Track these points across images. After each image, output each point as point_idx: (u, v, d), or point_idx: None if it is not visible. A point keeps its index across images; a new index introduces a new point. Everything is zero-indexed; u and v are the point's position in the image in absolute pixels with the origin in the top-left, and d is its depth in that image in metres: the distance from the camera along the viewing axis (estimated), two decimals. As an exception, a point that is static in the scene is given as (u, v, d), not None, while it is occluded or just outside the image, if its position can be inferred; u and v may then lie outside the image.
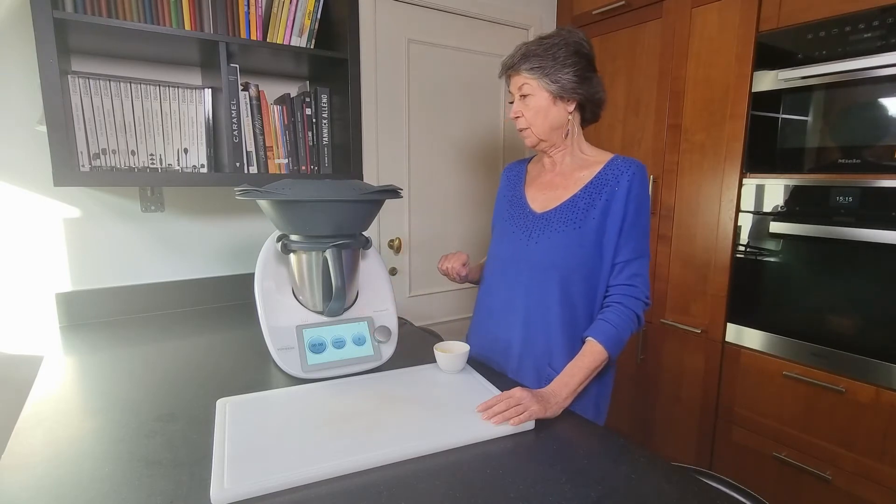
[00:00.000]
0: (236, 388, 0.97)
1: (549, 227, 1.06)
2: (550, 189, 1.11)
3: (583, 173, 1.07)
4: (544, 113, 1.05)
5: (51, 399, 0.92)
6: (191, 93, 1.36)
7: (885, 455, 1.30)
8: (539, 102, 1.04)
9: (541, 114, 1.05)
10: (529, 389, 0.90)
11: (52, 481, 0.67)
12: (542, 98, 1.04)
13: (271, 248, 1.10)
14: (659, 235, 1.80)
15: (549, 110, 1.05)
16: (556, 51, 1.02)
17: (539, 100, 1.04)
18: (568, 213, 1.05)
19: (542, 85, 1.03)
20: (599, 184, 1.04)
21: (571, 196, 1.06)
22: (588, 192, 1.04)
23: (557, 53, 1.02)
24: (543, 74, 1.02)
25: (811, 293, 1.42)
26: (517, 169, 1.23)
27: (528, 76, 1.04)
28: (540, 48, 1.03)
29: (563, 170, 1.11)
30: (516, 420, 0.82)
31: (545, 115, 1.05)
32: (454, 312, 2.13)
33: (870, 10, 1.27)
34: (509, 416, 0.83)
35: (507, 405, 0.84)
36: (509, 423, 0.82)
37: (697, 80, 1.65)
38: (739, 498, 0.77)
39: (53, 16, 1.07)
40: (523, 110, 1.07)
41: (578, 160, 1.09)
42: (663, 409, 1.84)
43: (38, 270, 1.36)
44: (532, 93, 1.05)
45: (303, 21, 1.41)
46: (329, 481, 0.68)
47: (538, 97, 1.04)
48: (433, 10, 1.90)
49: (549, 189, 1.11)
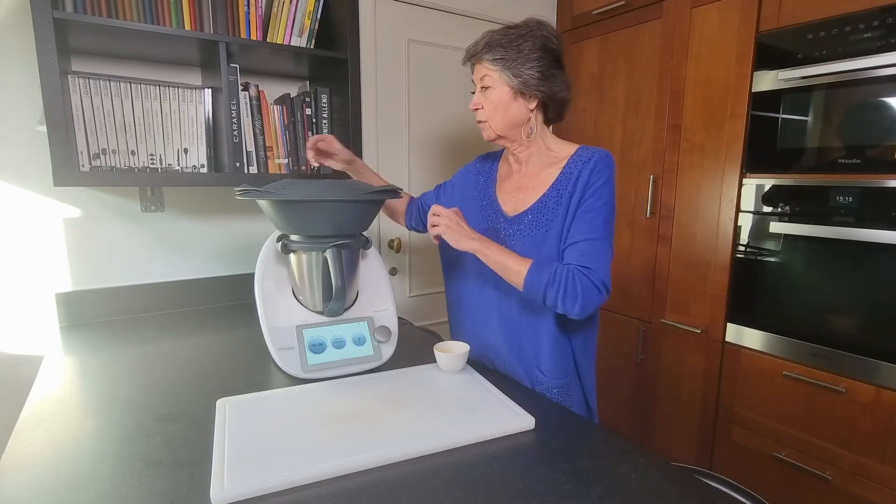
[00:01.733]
0: (236, 388, 0.97)
1: (520, 231, 1.03)
2: (520, 191, 1.07)
3: (550, 171, 1.03)
4: (504, 108, 1.00)
5: (51, 399, 0.92)
6: (191, 93, 1.36)
7: (885, 455, 1.30)
8: (499, 96, 1.00)
9: (500, 108, 1.00)
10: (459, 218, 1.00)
11: (52, 481, 0.67)
12: (503, 92, 0.99)
13: (271, 248, 1.10)
14: (659, 235, 1.80)
15: (509, 105, 1.00)
16: (521, 43, 0.97)
17: (499, 93, 1.00)
18: (538, 215, 1.01)
19: (503, 78, 0.98)
20: (565, 179, 1.00)
21: (540, 196, 1.02)
22: (556, 190, 1.00)
23: (522, 46, 0.97)
24: (505, 67, 0.97)
25: (811, 293, 1.42)
26: (488, 168, 1.19)
27: (490, 67, 0.99)
28: (504, 39, 0.98)
29: (529, 170, 1.07)
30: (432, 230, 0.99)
31: (505, 110, 1.00)
32: (454, 312, 2.13)
33: (870, 10, 1.27)
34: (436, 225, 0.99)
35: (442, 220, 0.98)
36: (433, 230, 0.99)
37: (697, 80, 1.65)
38: (739, 498, 0.77)
39: (53, 16, 1.06)
40: (483, 102, 1.02)
41: (545, 158, 1.05)
42: (663, 409, 1.84)
43: (38, 270, 1.36)
44: (493, 85, 1.00)
45: (303, 21, 1.41)
46: (329, 481, 0.68)
47: (499, 90, 1.00)
48: (433, 10, 1.90)
49: (518, 191, 1.08)
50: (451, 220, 0.99)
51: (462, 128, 2.05)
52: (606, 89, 1.97)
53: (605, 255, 0.96)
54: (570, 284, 0.91)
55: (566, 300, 0.91)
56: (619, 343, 1.97)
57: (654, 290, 1.83)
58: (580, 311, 0.92)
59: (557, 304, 0.92)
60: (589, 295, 0.91)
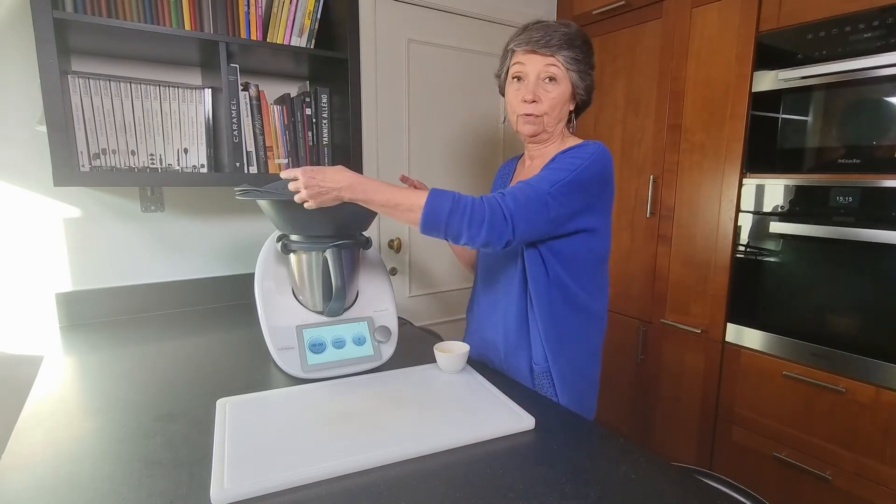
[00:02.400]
0: (236, 388, 0.97)
1: None
2: None
3: None
4: (562, 105, 1.00)
5: (51, 399, 0.92)
6: (191, 93, 1.36)
7: (885, 455, 1.30)
8: (562, 93, 0.99)
9: (559, 105, 1.00)
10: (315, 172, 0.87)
11: (52, 481, 0.67)
12: (566, 90, 0.99)
13: (271, 248, 1.10)
14: (659, 235, 1.80)
15: (565, 105, 1.01)
16: (588, 50, 0.99)
17: (563, 90, 0.99)
18: None
19: (570, 77, 0.98)
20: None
21: None
22: None
23: (589, 53, 0.99)
24: (578, 69, 0.98)
25: (811, 293, 1.42)
26: (507, 168, 1.21)
27: (565, 64, 0.97)
28: (579, 40, 0.98)
29: (538, 164, 1.06)
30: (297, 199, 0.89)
31: (562, 107, 1.01)
32: (454, 312, 2.13)
33: (870, 10, 1.27)
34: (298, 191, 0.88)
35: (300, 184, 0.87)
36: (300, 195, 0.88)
37: (697, 80, 1.65)
38: (739, 498, 0.77)
39: (53, 16, 1.07)
40: (543, 96, 0.99)
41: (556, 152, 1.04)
42: (663, 409, 1.84)
43: (38, 270, 1.36)
44: (560, 80, 0.98)
45: (303, 21, 1.41)
46: (329, 481, 0.68)
47: (563, 87, 0.99)
48: (433, 10, 1.90)
49: None
50: (309, 180, 0.87)
51: (463, 128, 2.05)
52: (606, 89, 1.97)
53: (531, 198, 0.89)
54: (478, 207, 0.86)
55: (472, 224, 0.85)
56: (619, 343, 1.97)
57: (654, 290, 1.83)
58: (486, 237, 0.85)
59: (462, 230, 0.86)
60: (496, 219, 0.85)
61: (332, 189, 0.87)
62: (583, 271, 1.01)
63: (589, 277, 1.02)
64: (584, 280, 1.02)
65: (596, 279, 1.04)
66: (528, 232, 0.90)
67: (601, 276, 1.05)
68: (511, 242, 0.88)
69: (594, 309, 1.05)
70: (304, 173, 0.87)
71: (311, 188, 0.87)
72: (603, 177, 0.96)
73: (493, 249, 0.89)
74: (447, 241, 0.90)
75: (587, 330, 1.05)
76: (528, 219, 0.88)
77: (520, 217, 0.87)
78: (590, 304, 1.04)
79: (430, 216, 0.85)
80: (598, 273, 1.04)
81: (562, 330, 1.02)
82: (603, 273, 1.05)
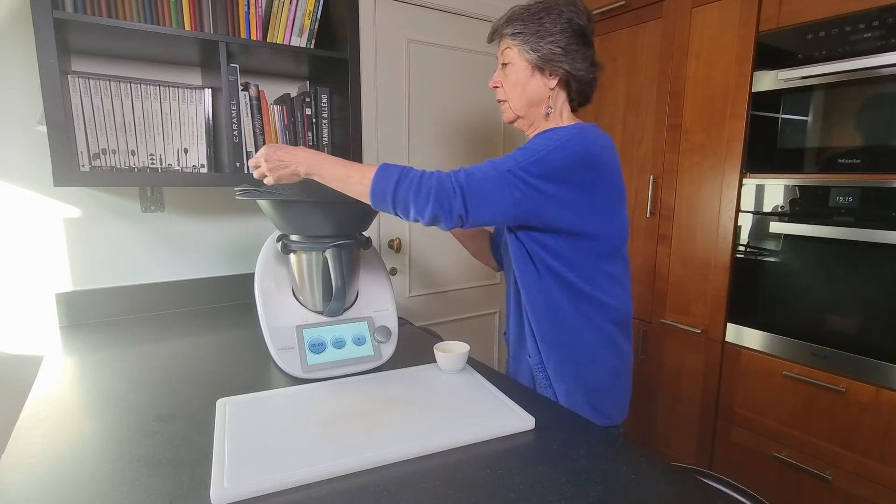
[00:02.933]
0: (236, 388, 0.97)
1: None
2: None
3: None
4: (522, 85, 0.96)
5: (51, 399, 0.92)
6: (191, 93, 1.36)
7: (886, 455, 1.30)
8: (518, 72, 0.95)
9: (519, 85, 0.96)
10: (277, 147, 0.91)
11: (52, 481, 0.67)
12: (522, 67, 0.95)
13: (271, 248, 1.10)
14: (659, 235, 1.80)
15: (527, 82, 0.95)
16: (544, 16, 0.92)
17: (518, 69, 0.95)
18: None
19: (522, 52, 0.94)
20: None
21: None
22: None
23: (544, 20, 0.92)
24: (524, 41, 0.93)
25: (811, 293, 1.42)
26: None
27: (510, 41, 0.95)
28: (527, 13, 0.94)
29: None
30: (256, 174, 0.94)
31: (523, 87, 0.96)
32: (454, 312, 2.13)
33: (870, 10, 1.27)
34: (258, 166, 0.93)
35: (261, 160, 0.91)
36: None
37: (697, 80, 1.65)
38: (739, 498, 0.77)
39: (53, 16, 1.06)
40: (503, 80, 0.98)
41: None
42: (663, 409, 1.84)
43: (38, 270, 1.36)
44: (512, 61, 0.96)
45: (303, 21, 1.41)
46: (329, 481, 0.68)
47: (517, 66, 0.95)
48: (433, 10, 1.90)
49: None
50: (270, 156, 0.90)
51: (463, 128, 2.05)
52: (606, 89, 1.97)
53: (490, 175, 0.85)
54: (426, 179, 0.83)
55: (419, 196, 0.82)
56: (619, 343, 1.97)
57: (654, 290, 1.84)
58: (433, 210, 0.82)
59: (409, 203, 0.83)
60: (443, 193, 0.82)
61: (290, 164, 0.90)
62: (585, 264, 0.93)
63: (594, 269, 0.94)
64: (589, 272, 0.94)
65: (604, 270, 0.95)
66: (486, 211, 0.85)
67: (612, 265, 0.96)
68: (465, 219, 0.84)
69: (604, 301, 0.96)
70: (268, 149, 0.91)
71: (270, 162, 0.90)
72: (582, 161, 0.87)
73: (445, 226, 0.85)
74: (397, 215, 0.87)
75: (595, 323, 0.96)
76: (484, 196, 0.84)
77: (473, 193, 0.83)
78: (596, 296, 0.95)
79: (378, 188, 0.84)
80: (605, 264, 0.95)
81: (557, 324, 0.96)
82: (614, 263, 0.96)
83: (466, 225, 0.86)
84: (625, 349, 1.02)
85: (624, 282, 1.00)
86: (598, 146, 0.89)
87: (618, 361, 1.00)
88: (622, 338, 1.01)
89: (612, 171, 0.92)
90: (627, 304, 1.01)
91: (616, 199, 0.94)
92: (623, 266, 0.99)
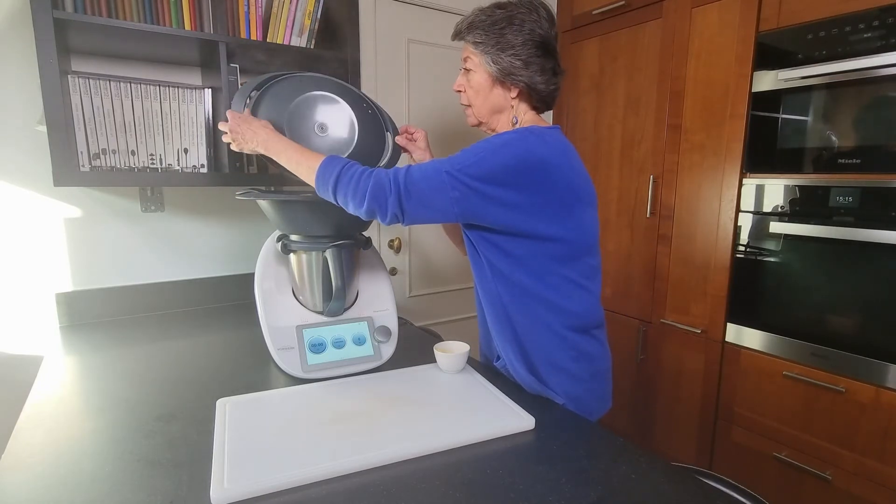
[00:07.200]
0: (236, 388, 0.97)
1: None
2: None
3: None
4: (485, 94, 0.96)
5: (51, 399, 0.92)
6: (191, 93, 1.36)
7: (885, 455, 1.30)
8: (479, 81, 0.95)
9: (481, 94, 0.96)
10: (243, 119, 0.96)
11: (52, 481, 0.67)
12: (483, 77, 0.95)
13: (271, 248, 1.10)
14: (659, 235, 1.80)
15: (489, 92, 0.96)
16: (505, 27, 0.90)
17: (479, 78, 0.95)
18: None
19: (483, 63, 0.94)
20: None
21: None
22: None
23: (505, 31, 0.90)
24: (485, 51, 0.92)
25: (811, 293, 1.42)
26: None
27: (472, 50, 0.95)
28: (489, 20, 0.92)
29: None
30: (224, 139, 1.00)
31: (485, 96, 0.96)
32: (454, 312, 2.13)
33: (870, 10, 1.27)
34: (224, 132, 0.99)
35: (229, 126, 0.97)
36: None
37: (697, 80, 1.65)
38: (739, 498, 0.77)
39: (53, 16, 1.06)
40: (465, 85, 0.99)
41: None
42: (663, 409, 1.84)
43: (38, 270, 1.36)
44: (474, 68, 0.95)
45: (303, 21, 1.41)
46: (329, 481, 0.68)
47: (479, 75, 0.95)
48: (433, 10, 1.90)
49: None
50: (235, 126, 0.97)
51: (463, 127, 2.05)
52: (606, 89, 1.97)
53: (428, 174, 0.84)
54: (365, 175, 0.85)
55: (357, 192, 0.84)
56: (619, 343, 1.97)
57: (654, 290, 1.84)
58: (369, 205, 0.84)
59: (348, 196, 0.86)
60: (378, 189, 0.83)
61: (251, 141, 0.96)
62: (541, 267, 0.91)
63: (550, 272, 0.92)
64: (545, 275, 0.92)
65: (562, 273, 0.92)
66: (424, 210, 0.85)
67: (572, 269, 0.93)
68: (401, 217, 0.85)
69: (561, 305, 0.93)
70: (233, 118, 0.97)
71: (234, 133, 0.97)
72: (524, 163, 0.84)
73: (383, 222, 0.87)
74: (338, 204, 0.89)
75: (550, 327, 0.94)
76: (420, 196, 0.84)
77: (410, 193, 0.84)
78: (551, 299, 0.92)
79: (322, 178, 0.88)
80: (564, 268, 0.92)
81: (506, 322, 0.96)
82: (575, 266, 0.93)
83: (405, 222, 0.87)
84: (593, 353, 0.98)
85: (590, 286, 0.96)
86: (545, 148, 0.87)
87: (577, 366, 0.96)
88: (588, 343, 0.97)
89: (567, 174, 0.89)
90: (593, 309, 0.97)
91: (573, 202, 0.90)
92: (590, 271, 0.96)
